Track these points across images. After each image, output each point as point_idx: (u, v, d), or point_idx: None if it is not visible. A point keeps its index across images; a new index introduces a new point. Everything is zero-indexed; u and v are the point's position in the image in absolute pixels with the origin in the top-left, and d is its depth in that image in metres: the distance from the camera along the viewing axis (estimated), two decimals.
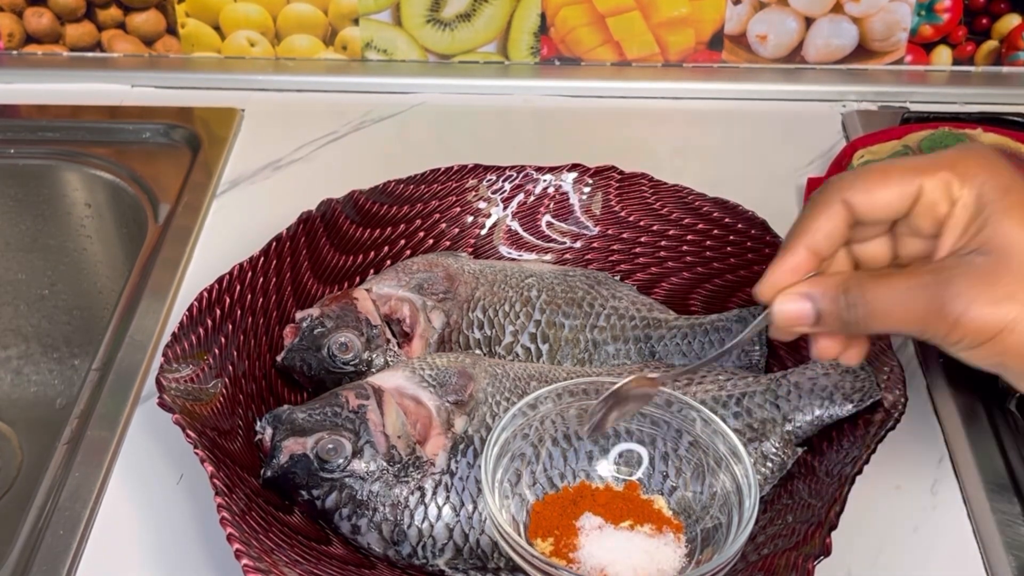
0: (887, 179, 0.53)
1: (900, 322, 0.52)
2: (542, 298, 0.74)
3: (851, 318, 0.52)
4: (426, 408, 0.65)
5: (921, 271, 0.52)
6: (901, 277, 0.52)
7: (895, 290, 0.51)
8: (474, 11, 1.05)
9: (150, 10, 1.06)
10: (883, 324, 0.52)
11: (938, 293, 0.50)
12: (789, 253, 0.54)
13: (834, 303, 0.53)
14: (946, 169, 0.52)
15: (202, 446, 0.61)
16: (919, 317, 0.51)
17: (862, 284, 0.52)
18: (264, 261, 0.73)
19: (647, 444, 0.64)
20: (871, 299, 0.52)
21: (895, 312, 0.51)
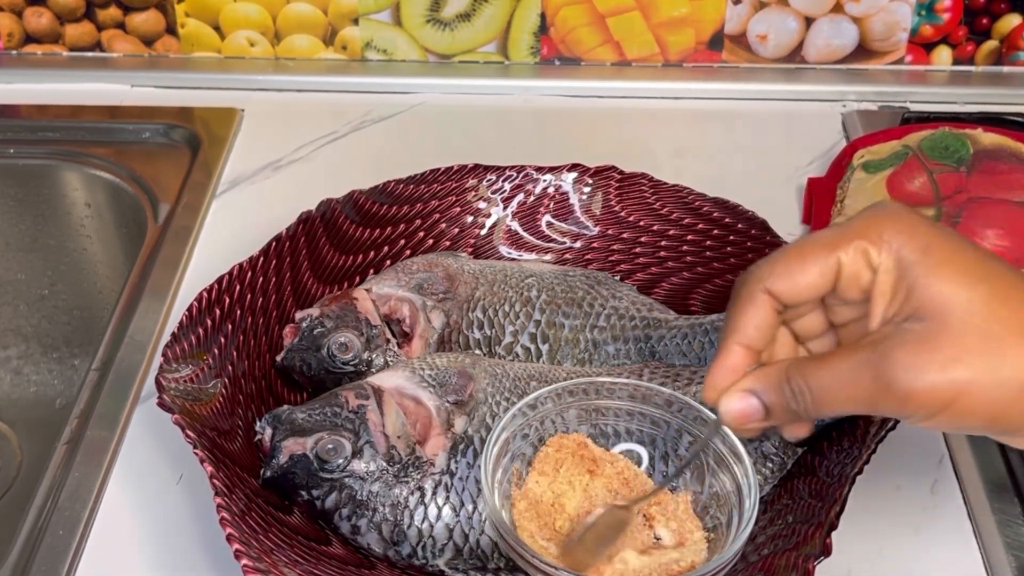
0: (804, 261, 0.52)
1: (848, 403, 0.50)
2: (542, 298, 0.74)
3: (799, 407, 0.51)
4: (426, 408, 0.65)
5: (860, 347, 0.50)
6: (840, 356, 0.50)
7: (837, 371, 0.50)
8: (474, 11, 1.05)
9: (150, 10, 1.06)
10: (832, 407, 0.50)
11: (882, 369, 0.48)
12: (723, 353, 0.53)
13: (779, 395, 0.52)
14: (859, 238, 0.51)
15: (202, 446, 0.61)
16: (867, 396, 0.49)
17: (803, 370, 0.51)
18: (264, 261, 0.73)
19: (647, 444, 0.64)
20: (815, 385, 0.50)
21: (842, 394, 0.50)
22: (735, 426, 0.53)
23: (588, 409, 0.63)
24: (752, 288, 0.53)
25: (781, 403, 0.52)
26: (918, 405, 0.48)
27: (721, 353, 0.53)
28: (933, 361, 0.47)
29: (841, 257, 0.51)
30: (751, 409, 0.53)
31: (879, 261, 0.50)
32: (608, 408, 0.64)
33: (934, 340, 0.48)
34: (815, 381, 0.50)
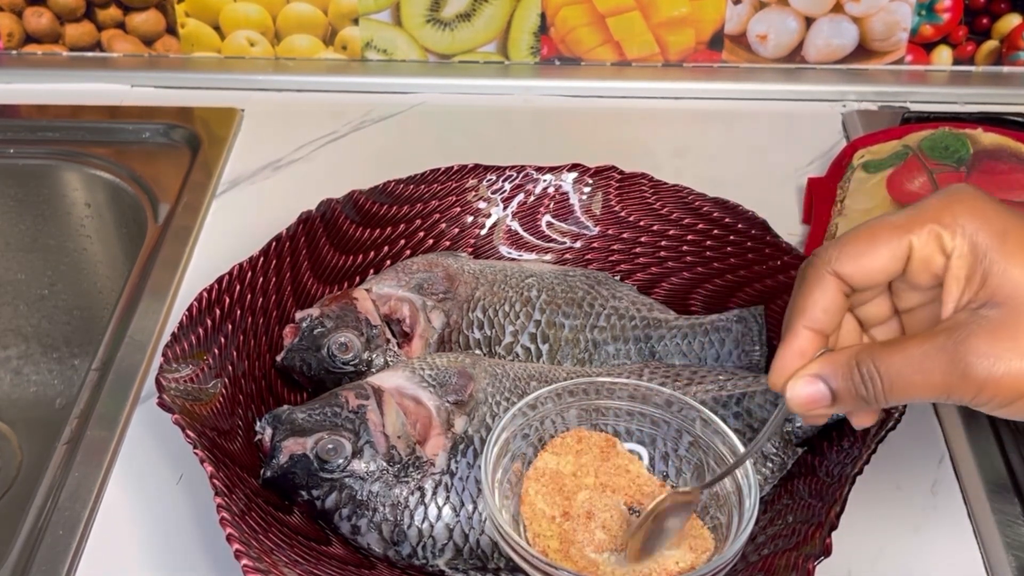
0: (874, 243, 0.51)
1: (921, 390, 0.49)
2: (542, 298, 0.74)
3: (868, 393, 0.50)
4: (426, 408, 0.65)
5: (935, 333, 0.49)
6: (915, 342, 0.49)
7: (910, 357, 0.49)
8: (474, 11, 1.05)
9: (150, 10, 1.06)
10: (903, 394, 0.49)
11: (957, 355, 0.47)
12: (791, 336, 0.52)
13: (847, 380, 0.51)
14: (932, 221, 0.50)
15: (202, 446, 0.61)
16: (941, 383, 0.48)
17: (874, 356, 0.50)
18: (264, 261, 0.73)
19: (647, 444, 0.64)
20: (885, 370, 0.49)
21: (914, 381, 0.49)
22: (802, 411, 0.52)
23: (588, 409, 0.63)
24: (820, 270, 0.52)
25: (850, 389, 0.50)
26: (994, 393, 0.47)
27: (788, 336, 0.52)
28: (1011, 348, 0.47)
29: (913, 240, 0.50)
30: (819, 394, 0.51)
31: (953, 246, 0.49)
32: (608, 408, 0.64)
33: (1011, 327, 0.47)
34: (886, 367, 0.49)
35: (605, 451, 0.62)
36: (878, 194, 0.85)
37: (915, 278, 0.51)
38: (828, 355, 0.52)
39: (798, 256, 0.73)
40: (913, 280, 0.51)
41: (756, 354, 0.72)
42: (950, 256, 0.50)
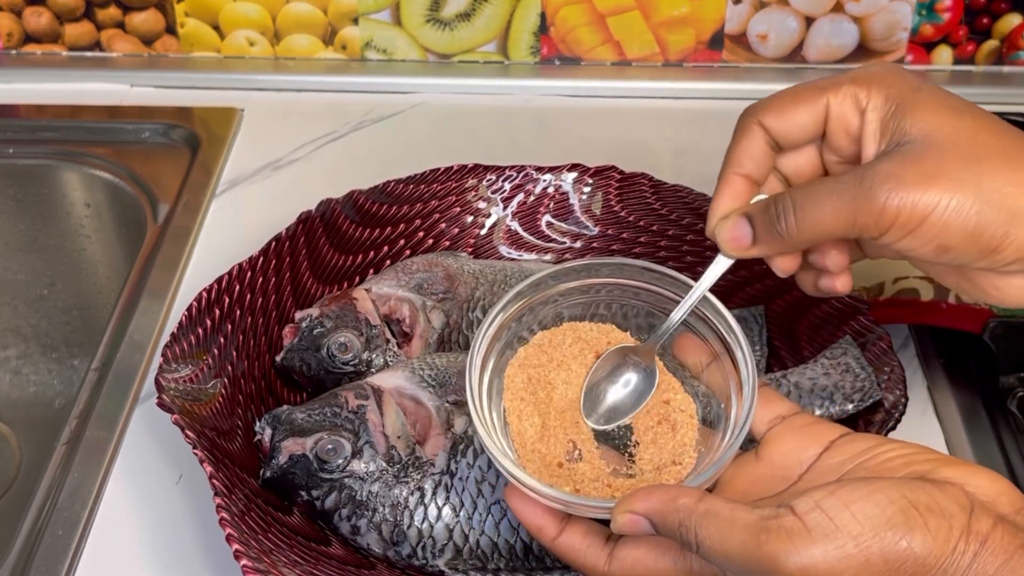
0: (795, 100, 0.55)
1: (831, 220, 0.51)
2: None
3: (783, 228, 0.53)
4: (426, 408, 0.65)
5: (846, 172, 0.52)
6: (827, 179, 0.53)
7: (821, 189, 0.52)
8: (474, 11, 1.04)
9: (149, 10, 1.06)
10: (814, 227, 0.52)
11: (863, 184, 0.50)
12: (724, 183, 0.57)
13: (764, 214, 0.54)
14: (849, 83, 0.54)
15: (201, 446, 0.61)
16: (847, 212, 0.50)
17: (790, 192, 0.53)
18: (263, 261, 0.73)
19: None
20: (800, 204, 0.52)
21: (824, 211, 0.51)
22: (729, 250, 0.57)
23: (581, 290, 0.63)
24: (746, 121, 0.57)
25: (766, 225, 0.54)
26: (895, 216, 0.49)
27: (721, 183, 0.57)
28: (913, 173, 0.49)
29: (830, 100, 0.54)
30: (742, 232, 0.55)
31: (866, 102, 0.53)
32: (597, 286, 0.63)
33: (915, 156, 0.50)
34: (800, 201, 0.52)
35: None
36: None
37: (836, 141, 0.55)
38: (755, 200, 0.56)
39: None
40: (834, 144, 0.55)
41: (756, 354, 0.72)
42: (864, 112, 0.53)
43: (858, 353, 0.68)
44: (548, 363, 0.60)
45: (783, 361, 0.72)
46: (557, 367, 0.60)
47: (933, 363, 0.76)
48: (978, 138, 0.50)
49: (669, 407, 0.59)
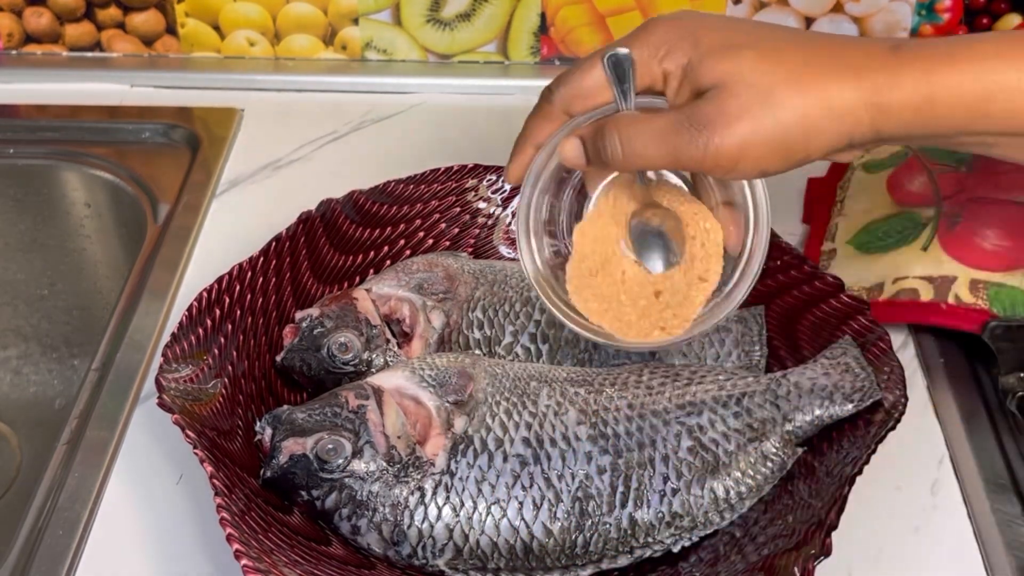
0: (581, 72, 0.60)
1: (655, 159, 0.56)
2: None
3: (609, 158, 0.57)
4: (426, 408, 0.65)
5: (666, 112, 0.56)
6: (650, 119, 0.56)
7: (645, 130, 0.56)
8: (474, 11, 1.05)
9: (149, 10, 1.06)
10: (642, 162, 0.57)
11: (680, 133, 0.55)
12: (517, 152, 0.63)
13: (592, 143, 0.58)
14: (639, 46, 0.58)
15: (202, 446, 0.61)
16: (670, 156, 0.55)
17: (616, 125, 0.57)
18: (264, 261, 0.73)
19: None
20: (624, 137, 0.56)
21: (648, 150, 0.56)
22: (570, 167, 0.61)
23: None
24: (541, 102, 0.62)
25: (594, 150, 0.58)
26: (715, 160, 0.54)
27: (515, 152, 0.63)
28: (720, 118, 0.54)
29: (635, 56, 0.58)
30: (576, 154, 0.59)
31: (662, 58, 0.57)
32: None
33: (718, 102, 0.54)
34: (625, 133, 0.57)
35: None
36: (878, 194, 0.85)
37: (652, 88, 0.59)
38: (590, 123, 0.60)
39: (798, 256, 0.73)
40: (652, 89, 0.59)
41: (756, 354, 0.72)
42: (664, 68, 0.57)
43: (858, 353, 0.68)
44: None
45: (783, 361, 0.72)
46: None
47: (933, 363, 0.76)
48: (759, 69, 0.54)
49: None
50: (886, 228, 0.82)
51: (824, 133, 0.54)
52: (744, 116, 0.54)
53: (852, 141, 0.55)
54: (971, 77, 0.53)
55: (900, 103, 0.54)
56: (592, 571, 0.63)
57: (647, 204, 0.63)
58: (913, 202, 0.83)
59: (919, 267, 0.77)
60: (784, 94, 0.54)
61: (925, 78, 0.53)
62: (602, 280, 0.63)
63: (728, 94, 0.54)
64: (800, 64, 0.54)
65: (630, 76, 0.58)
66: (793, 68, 0.54)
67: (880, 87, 0.53)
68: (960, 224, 0.79)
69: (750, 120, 0.54)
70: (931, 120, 0.54)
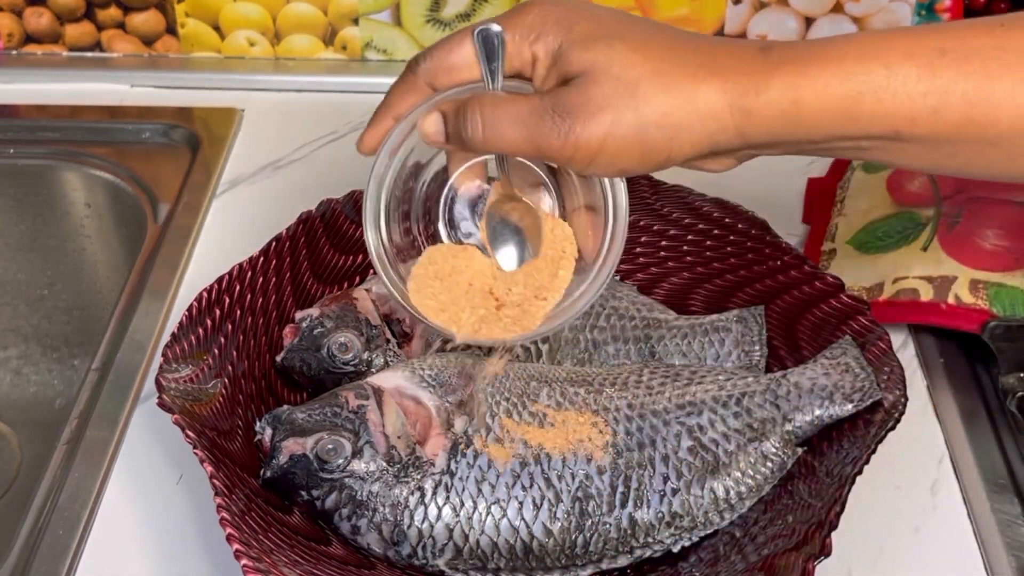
0: (450, 45, 0.58)
1: (515, 145, 0.55)
2: None
3: (469, 137, 0.56)
4: (426, 408, 0.65)
5: (531, 96, 0.55)
6: (513, 101, 0.55)
7: (506, 113, 0.55)
8: (474, 11, 1.05)
9: (150, 10, 1.06)
10: (501, 146, 0.55)
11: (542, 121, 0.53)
12: (375, 123, 0.61)
13: (454, 119, 0.56)
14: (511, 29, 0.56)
15: (202, 446, 0.61)
16: (530, 144, 0.54)
17: (482, 103, 0.56)
18: (264, 261, 0.73)
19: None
20: (487, 118, 0.55)
21: (508, 135, 0.55)
22: (428, 143, 0.59)
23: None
24: (406, 73, 0.60)
25: (455, 127, 0.56)
26: (572, 152, 0.53)
27: (373, 122, 0.61)
28: (581, 109, 0.53)
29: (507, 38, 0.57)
30: (436, 129, 0.58)
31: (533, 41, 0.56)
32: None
33: (582, 91, 0.53)
34: (488, 113, 0.55)
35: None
36: (878, 194, 0.85)
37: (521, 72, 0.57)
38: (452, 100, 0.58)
39: (798, 256, 0.73)
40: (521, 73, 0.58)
41: (756, 354, 0.72)
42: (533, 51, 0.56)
43: (858, 353, 0.68)
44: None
45: (783, 361, 0.72)
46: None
47: (933, 363, 0.76)
48: (627, 61, 0.53)
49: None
50: (886, 228, 0.82)
51: (686, 134, 0.53)
52: (607, 108, 0.52)
53: (716, 146, 0.54)
54: (838, 79, 0.52)
55: (766, 107, 0.52)
56: (592, 571, 0.63)
57: (508, 196, 0.61)
58: (913, 202, 0.83)
59: (919, 267, 0.77)
60: (649, 90, 0.52)
61: (792, 81, 0.52)
62: (445, 286, 0.61)
63: (593, 83, 0.53)
64: (669, 61, 0.53)
65: (499, 55, 0.57)
66: (661, 64, 0.53)
67: (746, 90, 0.52)
68: (960, 224, 0.79)
69: (612, 112, 0.52)
70: (799, 125, 0.53)
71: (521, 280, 0.61)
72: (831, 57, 0.52)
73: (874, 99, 0.52)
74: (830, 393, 0.66)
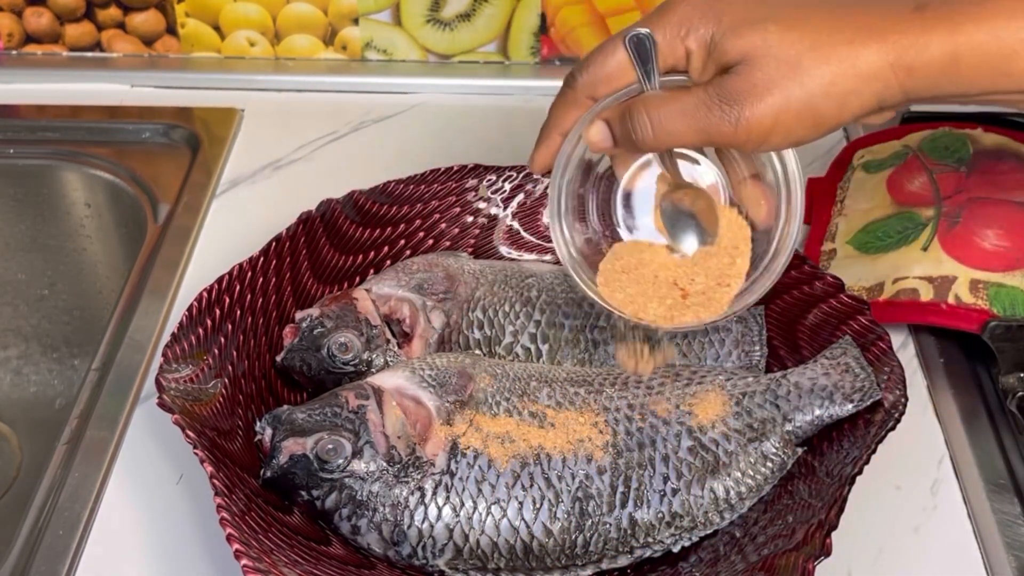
0: (603, 55, 0.59)
1: (686, 136, 0.56)
2: (542, 298, 0.74)
3: (639, 138, 0.57)
4: (426, 408, 0.65)
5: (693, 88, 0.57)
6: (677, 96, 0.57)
7: (673, 108, 0.56)
8: (474, 11, 1.05)
9: (150, 10, 1.06)
10: (672, 140, 0.57)
11: (711, 110, 0.55)
12: (544, 140, 0.62)
13: (621, 124, 0.58)
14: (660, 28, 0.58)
15: (202, 446, 0.61)
16: (702, 132, 0.56)
17: (644, 105, 0.57)
18: (264, 261, 0.73)
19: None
20: (654, 117, 0.57)
21: (678, 127, 0.56)
22: (594, 151, 0.61)
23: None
24: (564, 89, 0.62)
25: (622, 131, 0.58)
26: (747, 133, 0.55)
27: (542, 140, 0.63)
28: (748, 93, 0.54)
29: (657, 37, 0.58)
30: (602, 137, 0.59)
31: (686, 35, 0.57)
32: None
33: (746, 76, 0.55)
34: (654, 113, 0.57)
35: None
36: (878, 194, 0.85)
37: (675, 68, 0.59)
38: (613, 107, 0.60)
39: (798, 256, 0.73)
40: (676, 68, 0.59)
41: (756, 354, 0.72)
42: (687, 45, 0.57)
43: (858, 353, 0.68)
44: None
45: (783, 361, 0.72)
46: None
47: (933, 363, 0.76)
48: (785, 40, 0.55)
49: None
50: (886, 228, 0.82)
51: (854, 98, 0.55)
52: (773, 88, 0.54)
53: (882, 103, 0.56)
54: (993, 36, 0.53)
55: (926, 63, 0.54)
56: (592, 571, 0.63)
57: (677, 185, 0.63)
58: (913, 202, 0.83)
59: (919, 267, 0.77)
60: (811, 63, 0.54)
61: (949, 38, 0.54)
62: (632, 279, 0.63)
63: (755, 67, 0.54)
64: (824, 32, 0.55)
65: (652, 56, 0.58)
66: (817, 37, 0.54)
67: (906, 48, 0.54)
68: (960, 224, 0.79)
69: (779, 92, 0.54)
70: (956, 78, 0.55)
71: (702, 269, 0.62)
72: (985, 15, 0.54)
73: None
74: (830, 393, 0.66)
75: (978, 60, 0.54)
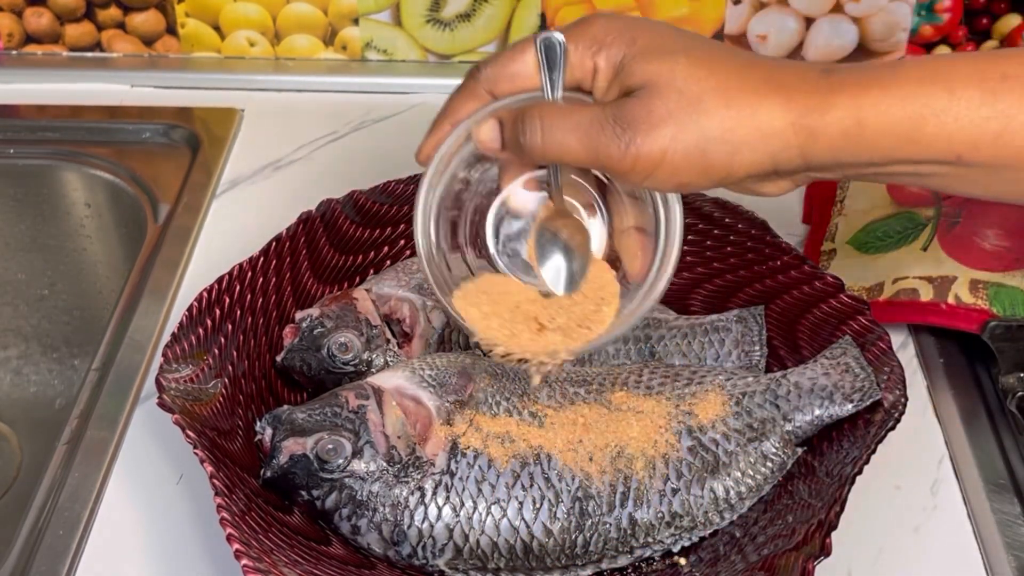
0: (512, 52, 0.58)
1: (575, 152, 0.54)
2: None
3: (528, 144, 0.55)
4: (426, 408, 0.65)
5: (592, 106, 0.55)
6: (574, 111, 0.54)
7: (568, 122, 0.54)
8: (474, 11, 1.05)
9: (150, 10, 1.06)
10: (560, 154, 0.55)
11: (603, 130, 0.53)
12: (435, 129, 0.59)
13: (512, 127, 0.56)
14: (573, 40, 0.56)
15: (202, 446, 0.61)
16: (590, 153, 0.53)
17: (540, 111, 0.55)
18: (264, 261, 0.73)
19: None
20: (547, 126, 0.54)
21: (569, 142, 0.54)
22: (483, 150, 0.58)
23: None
24: (467, 80, 0.60)
25: (513, 134, 0.56)
26: (632, 163, 0.53)
27: (433, 129, 0.60)
28: (643, 121, 0.52)
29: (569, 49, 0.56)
30: (492, 136, 0.57)
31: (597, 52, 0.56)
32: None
33: (644, 104, 0.53)
34: (548, 121, 0.55)
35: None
36: (878, 194, 0.85)
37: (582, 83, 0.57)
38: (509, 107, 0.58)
39: (798, 256, 0.74)
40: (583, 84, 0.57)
41: (756, 354, 0.72)
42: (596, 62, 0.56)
43: (858, 353, 0.68)
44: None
45: (783, 361, 0.72)
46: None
47: (933, 363, 0.76)
48: (692, 76, 0.53)
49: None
50: (886, 228, 0.82)
51: (747, 151, 0.52)
52: (669, 120, 0.52)
53: (777, 165, 0.53)
54: (900, 101, 0.51)
55: (829, 126, 0.52)
56: (592, 571, 0.63)
57: (559, 213, 0.61)
58: (913, 202, 0.83)
59: (919, 267, 0.77)
60: (712, 104, 0.52)
61: (855, 101, 0.52)
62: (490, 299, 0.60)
63: (656, 96, 0.53)
64: (733, 77, 0.53)
65: (560, 63, 0.56)
66: (724, 80, 0.53)
67: (810, 109, 0.52)
68: (960, 224, 0.79)
69: (674, 125, 0.52)
70: (861, 146, 0.52)
71: (566, 310, 0.60)
72: (894, 80, 0.52)
73: (936, 122, 0.51)
74: (830, 393, 0.66)
75: (884, 125, 0.51)
